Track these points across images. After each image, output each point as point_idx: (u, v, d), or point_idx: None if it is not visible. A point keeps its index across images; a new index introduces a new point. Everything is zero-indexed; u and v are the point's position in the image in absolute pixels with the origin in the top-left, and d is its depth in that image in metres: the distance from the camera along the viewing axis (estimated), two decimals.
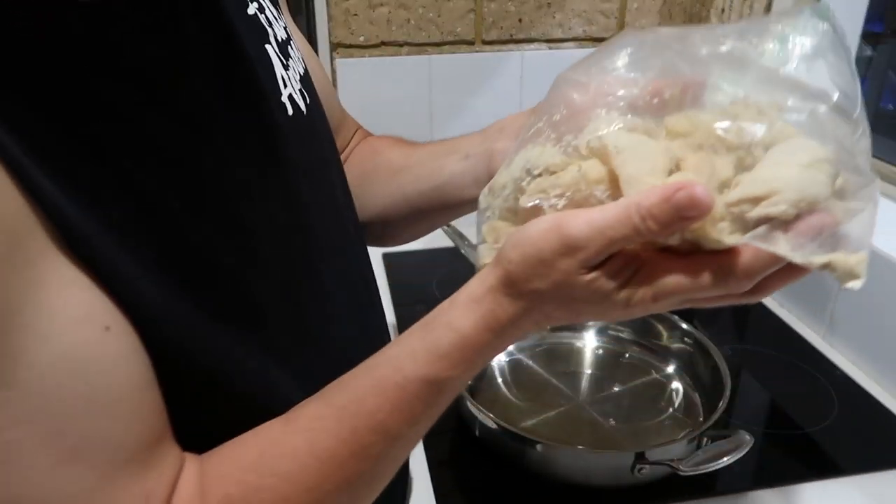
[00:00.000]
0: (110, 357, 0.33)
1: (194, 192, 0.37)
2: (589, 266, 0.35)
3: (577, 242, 0.35)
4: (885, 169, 1.08)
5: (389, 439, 0.39)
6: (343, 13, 1.21)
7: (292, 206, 0.46)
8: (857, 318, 0.97)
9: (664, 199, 0.32)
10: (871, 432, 0.85)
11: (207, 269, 0.38)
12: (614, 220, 0.34)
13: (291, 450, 0.39)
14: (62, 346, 0.31)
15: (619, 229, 0.34)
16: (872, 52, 1.37)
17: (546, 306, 0.38)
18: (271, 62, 0.46)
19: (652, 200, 0.33)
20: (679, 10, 1.30)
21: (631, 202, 0.33)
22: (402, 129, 1.28)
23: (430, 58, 1.26)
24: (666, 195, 0.32)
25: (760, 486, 0.75)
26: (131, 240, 0.34)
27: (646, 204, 0.33)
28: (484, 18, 1.26)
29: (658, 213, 0.33)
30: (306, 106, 0.50)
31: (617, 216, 0.34)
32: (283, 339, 0.43)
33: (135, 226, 0.34)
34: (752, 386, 0.94)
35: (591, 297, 0.36)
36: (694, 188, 0.32)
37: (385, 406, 0.38)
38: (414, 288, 1.12)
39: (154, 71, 0.36)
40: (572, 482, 0.73)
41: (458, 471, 0.78)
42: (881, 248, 0.91)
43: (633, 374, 0.91)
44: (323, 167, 0.51)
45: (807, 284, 1.05)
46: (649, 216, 0.33)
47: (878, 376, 0.93)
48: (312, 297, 0.47)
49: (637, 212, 0.33)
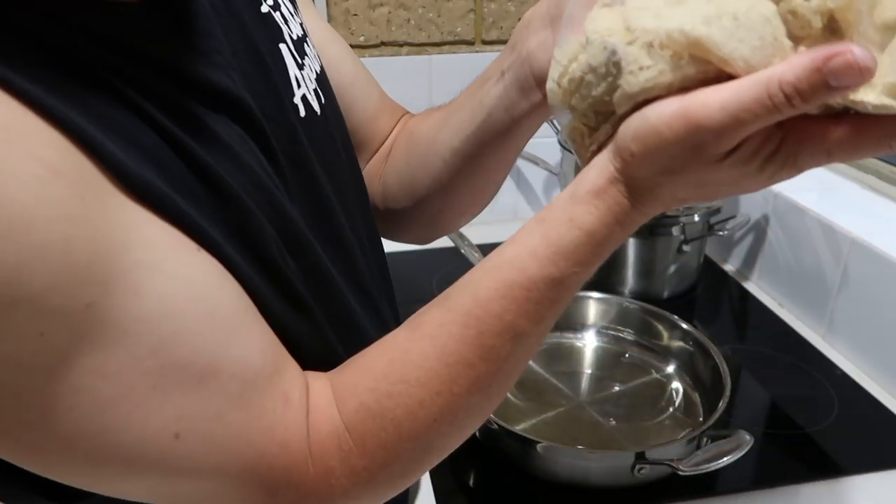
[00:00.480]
0: (214, 275, 0.36)
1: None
2: (724, 153, 0.32)
3: (709, 131, 0.30)
4: (885, 169, 1.08)
5: (516, 340, 0.39)
6: (343, 13, 1.21)
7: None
8: (857, 318, 0.97)
9: (814, 69, 0.28)
10: (871, 432, 0.84)
11: (257, 246, 0.39)
12: (752, 102, 0.29)
13: (419, 356, 0.39)
14: (173, 272, 0.33)
15: (758, 111, 0.29)
16: None
17: (678, 192, 0.35)
18: (284, 62, 0.46)
19: (797, 73, 0.28)
20: None
21: (772, 77, 0.29)
22: None
23: (430, 58, 1.26)
24: (816, 64, 0.27)
25: (760, 486, 0.75)
26: (183, 190, 0.35)
27: (789, 78, 0.28)
28: (484, 18, 1.26)
29: (806, 87, 0.28)
30: (321, 106, 0.50)
31: (755, 96, 0.29)
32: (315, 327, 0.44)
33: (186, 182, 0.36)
34: (752, 386, 0.94)
35: (727, 179, 0.33)
36: (852, 51, 0.27)
37: (511, 308, 0.38)
38: (414, 287, 1.12)
39: (180, 71, 0.38)
40: (572, 482, 0.73)
41: (458, 471, 0.78)
42: (881, 248, 0.91)
43: (633, 374, 0.91)
44: (331, 170, 0.51)
45: (807, 284, 1.05)
46: (795, 92, 0.28)
47: (878, 376, 0.93)
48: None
49: (779, 88, 0.28)
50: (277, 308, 0.40)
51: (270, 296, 0.39)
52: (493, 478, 0.77)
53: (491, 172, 0.59)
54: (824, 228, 1.01)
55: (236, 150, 0.39)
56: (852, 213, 1.02)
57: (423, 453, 0.40)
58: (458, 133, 0.56)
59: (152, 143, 0.35)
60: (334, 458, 0.39)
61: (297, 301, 0.42)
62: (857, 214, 1.02)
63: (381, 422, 0.39)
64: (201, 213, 0.36)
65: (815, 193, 1.09)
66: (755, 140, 0.32)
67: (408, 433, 0.39)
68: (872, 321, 0.94)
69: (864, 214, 1.03)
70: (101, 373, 0.31)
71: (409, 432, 0.39)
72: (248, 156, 0.40)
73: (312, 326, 0.43)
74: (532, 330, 0.39)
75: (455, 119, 0.57)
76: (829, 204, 1.05)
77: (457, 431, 0.41)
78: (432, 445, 0.41)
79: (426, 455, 0.41)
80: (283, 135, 0.45)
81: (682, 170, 0.33)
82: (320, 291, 0.45)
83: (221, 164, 0.37)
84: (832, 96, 0.29)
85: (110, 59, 0.34)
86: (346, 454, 0.39)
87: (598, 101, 0.36)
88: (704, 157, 0.32)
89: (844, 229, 0.97)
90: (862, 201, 1.08)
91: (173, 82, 0.37)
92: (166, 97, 0.36)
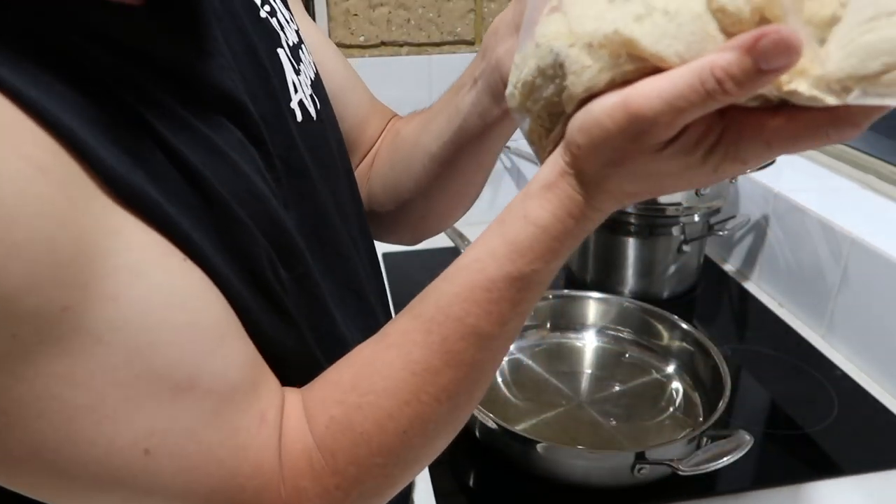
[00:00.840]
0: (198, 285, 0.35)
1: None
2: (664, 142, 0.32)
3: (647, 119, 0.31)
4: (885, 169, 1.08)
5: (481, 343, 0.38)
6: (343, 13, 1.21)
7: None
8: (857, 318, 0.97)
9: (744, 52, 0.28)
10: (871, 432, 0.84)
11: (247, 258, 0.39)
12: (686, 88, 0.29)
13: (385, 365, 0.39)
14: (156, 280, 0.32)
15: (693, 98, 0.29)
16: None
17: (625, 185, 0.35)
18: (282, 67, 0.46)
19: (728, 57, 0.28)
20: None
21: (704, 64, 0.29)
22: None
23: (430, 58, 1.26)
24: (745, 46, 0.28)
25: (760, 486, 0.75)
26: (175, 199, 0.35)
27: (721, 63, 0.28)
28: (484, 18, 1.26)
29: (738, 70, 0.28)
30: (316, 111, 0.50)
31: (689, 83, 0.29)
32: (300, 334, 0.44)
33: (177, 187, 0.36)
34: (752, 386, 0.94)
35: (672, 170, 0.33)
36: (778, 31, 0.27)
37: (473, 310, 0.38)
38: (414, 288, 1.12)
39: (180, 73, 0.37)
40: (572, 482, 0.73)
41: (458, 471, 0.78)
42: (881, 248, 0.91)
43: (633, 373, 0.91)
44: (327, 175, 0.51)
45: (807, 284, 1.05)
46: (727, 77, 0.28)
47: (878, 376, 0.93)
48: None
49: (711, 73, 0.29)
50: (264, 321, 0.40)
51: (257, 309, 0.39)
52: (493, 478, 0.77)
53: (470, 175, 0.60)
54: (824, 228, 1.01)
55: (234, 158, 0.39)
56: (852, 213, 1.02)
57: (394, 468, 0.40)
58: (437, 139, 0.57)
59: (146, 148, 0.34)
60: (306, 478, 0.38)
61: (284, 314, 0.41)
62: (857, 214, 1.02)
63: (352, 436, 0.38)
64: (192, 222, 0.35)
65: (815, 193, 1.09)
66: (696, 130, 0.32)
67: (378, 447, 0.38)
68: (872, 321, 0.94)
69: (864, 214, 1.03)
70: (71, 380, 0.30)
71: (379, 446, 0.38)
72: (245, 162, 0.40)
73: (298, 340, 0.43)
74: (497, 332, 0.38)
75: (434, 125, 0.58)
76: (829, 204, 1.05)
77: (427, 444, 0.40)
78: (404, 459, 0.40)
79: (398, 470, 0.40)
80: (281, 140, 0.44)
81: (625, 160, 0.33)
82: (307, 304, 0.44)
83: (218, 172, 0.37)
84: (764, 80, 0.28)
85: (108, 61, 0.34)
86: (319, 473, 0.38)
87: (549, 102, 0.37)
88: (646, 147, 0.32)
89: (844, 229, 0.97)
90: (862, 201, 1.08)
91: (174, 84, 0.37)
92: (164, 101, 0.36)
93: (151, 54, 0.36)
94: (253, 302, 0.39)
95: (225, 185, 0.37)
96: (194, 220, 0.35)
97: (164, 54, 0.37)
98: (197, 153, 0.36)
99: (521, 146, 1.32)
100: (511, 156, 1.34)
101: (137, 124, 0.34)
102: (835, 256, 0.99)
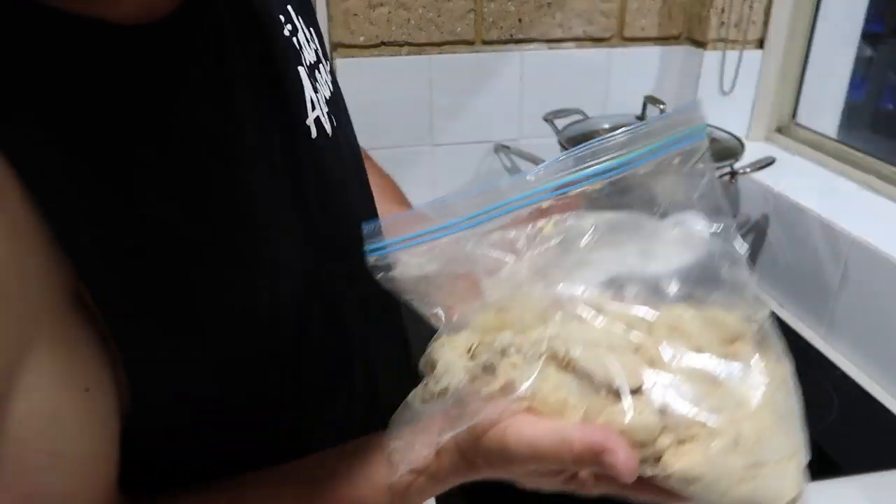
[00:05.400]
0: (82, 420, 0.34)
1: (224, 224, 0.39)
2: (531, 472, 0.39)
3: (516, 460, 0.37)
4: (885, 169, 1.08)
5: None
6: (343, 13, 1.21)
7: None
8: (857, 318, 0.97)
9: (592, 452, 0.33)
10: (871, 432, 0.84)
11: (220, 311, 0.39)
12: (548, 451, 0.35)
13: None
14: (39, 402, 0.32)
15: (552, 459, 0.35)
16: (872, 52, 1.37)
17: (484, 474, 0.42)
18: (302, 84, 0.46)
19: (583, 445, 0.34)
20: (679, 10, 1.29)
21: (566, 438, 0.34)
22: (402, 129, 1.28)
23: (430, 58, 1.26)
24: (595, 449, 0.33)
25: None
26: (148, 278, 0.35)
27: (576, 448, 0.34)
28: (484, 18, 1.26)
29: (587, 458, 0.34)
30: (332, 129, 0.50)
31: (551, 447, 0.35)
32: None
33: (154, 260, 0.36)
34: None
35: (528, 480, 0.41)
36: (618, 456, 0.33)
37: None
38: None
39: (197, 96, 0.37)
40: None
41: None
42: (881, 248, 0.91)
43: None
44: (342, 194, 0.51)
45: (807, 284, 1.05)
46: (575, 459, 0.34)
47: (878, 376, 0.93)
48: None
49: (570, 450, 0.34)
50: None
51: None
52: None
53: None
54: (824, 228, 1.01)
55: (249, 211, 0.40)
56: (852, 213, 1.02)
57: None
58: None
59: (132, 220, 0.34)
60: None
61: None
62: (857, 214, 1.02)
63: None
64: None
65: (815, 193, 1.09)
66: (561, 476, 0.39)
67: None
68: (872, 321, 0.94)
69: (864, 214, 1.03)
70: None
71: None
72: (264, 204, 0.41)
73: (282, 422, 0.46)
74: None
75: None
76: (829, 204, 1.05)
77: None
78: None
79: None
80: (294, 159, 0.45)
81: (486, 470, 0.41)
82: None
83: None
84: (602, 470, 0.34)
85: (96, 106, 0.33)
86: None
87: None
88: (510, 471, 0.40)
89: (844, 229, 0.97)
90: (862, 201, 1.08)
91: (189, 109, 0.37)
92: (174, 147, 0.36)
93: (164, 80, 0.36)
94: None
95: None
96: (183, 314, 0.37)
97: (177, 81, 0.36)
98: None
99: (521, 146, 1.32)
100: (511, 156, 1.34)
101: (125, 191, 0.34)
102: (835, 256, 0.99)
